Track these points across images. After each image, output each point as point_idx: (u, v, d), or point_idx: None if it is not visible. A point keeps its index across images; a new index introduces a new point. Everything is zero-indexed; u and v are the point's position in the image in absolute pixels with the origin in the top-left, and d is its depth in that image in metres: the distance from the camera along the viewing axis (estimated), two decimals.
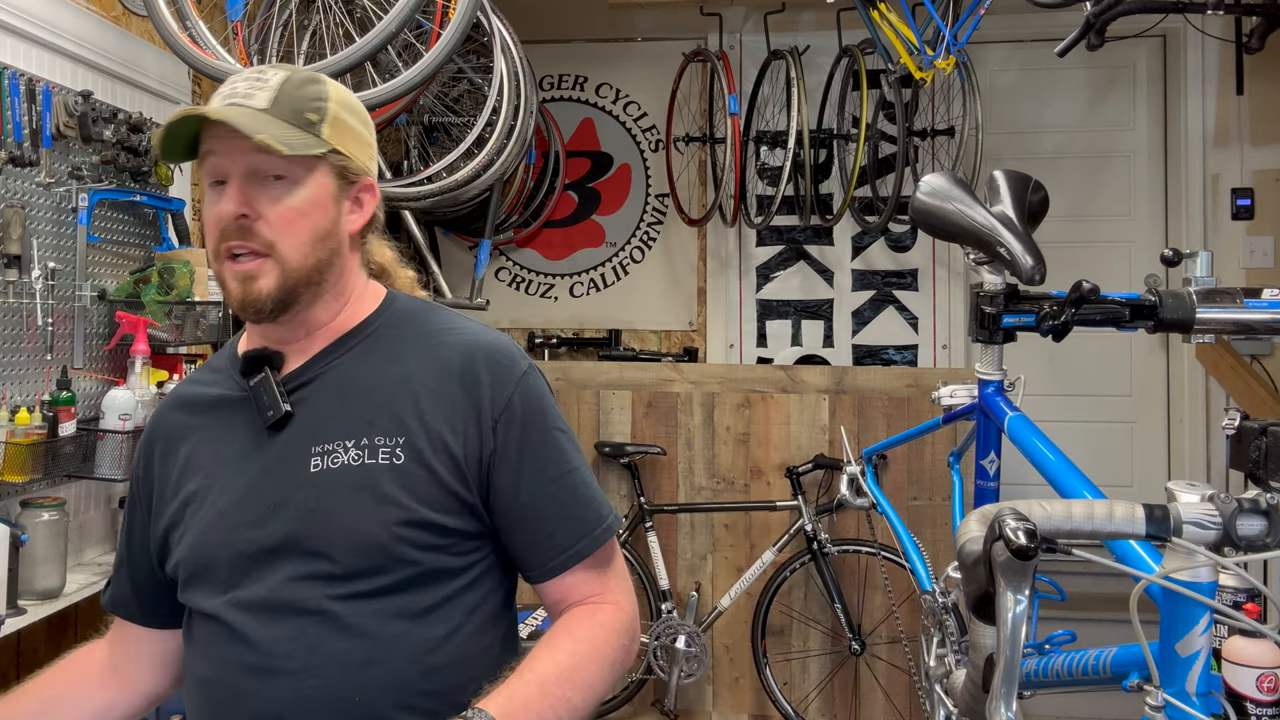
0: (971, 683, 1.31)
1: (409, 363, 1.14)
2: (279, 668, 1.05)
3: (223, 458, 1.14)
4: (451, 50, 2.30)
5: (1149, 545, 1.33)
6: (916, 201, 1.90)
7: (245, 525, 1.09)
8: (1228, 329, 1.59)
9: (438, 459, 1.09)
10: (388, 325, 1.19)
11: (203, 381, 1.23)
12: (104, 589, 1.30)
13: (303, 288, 1.12)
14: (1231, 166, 3.96)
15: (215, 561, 1.10)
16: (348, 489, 1.08)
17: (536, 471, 1.13)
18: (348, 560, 1.06)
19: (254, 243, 1.09)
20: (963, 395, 2.19)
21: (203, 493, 1.14)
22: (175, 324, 2.55)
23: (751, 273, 4.34)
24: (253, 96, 1.11)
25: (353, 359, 1.16)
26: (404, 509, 1.07)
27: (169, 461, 1.19)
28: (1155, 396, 4.15)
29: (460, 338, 1.17)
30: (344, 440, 1.10)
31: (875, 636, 3.38)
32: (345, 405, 1.12)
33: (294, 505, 1.08)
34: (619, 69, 4.40)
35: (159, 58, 2.69)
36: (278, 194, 1.10)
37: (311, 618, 1.06)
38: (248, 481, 1.12)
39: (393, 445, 1.09)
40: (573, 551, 1.13)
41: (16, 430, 2.07)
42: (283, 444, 1.12)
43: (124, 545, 1.27)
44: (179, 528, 1.15)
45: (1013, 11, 3.48)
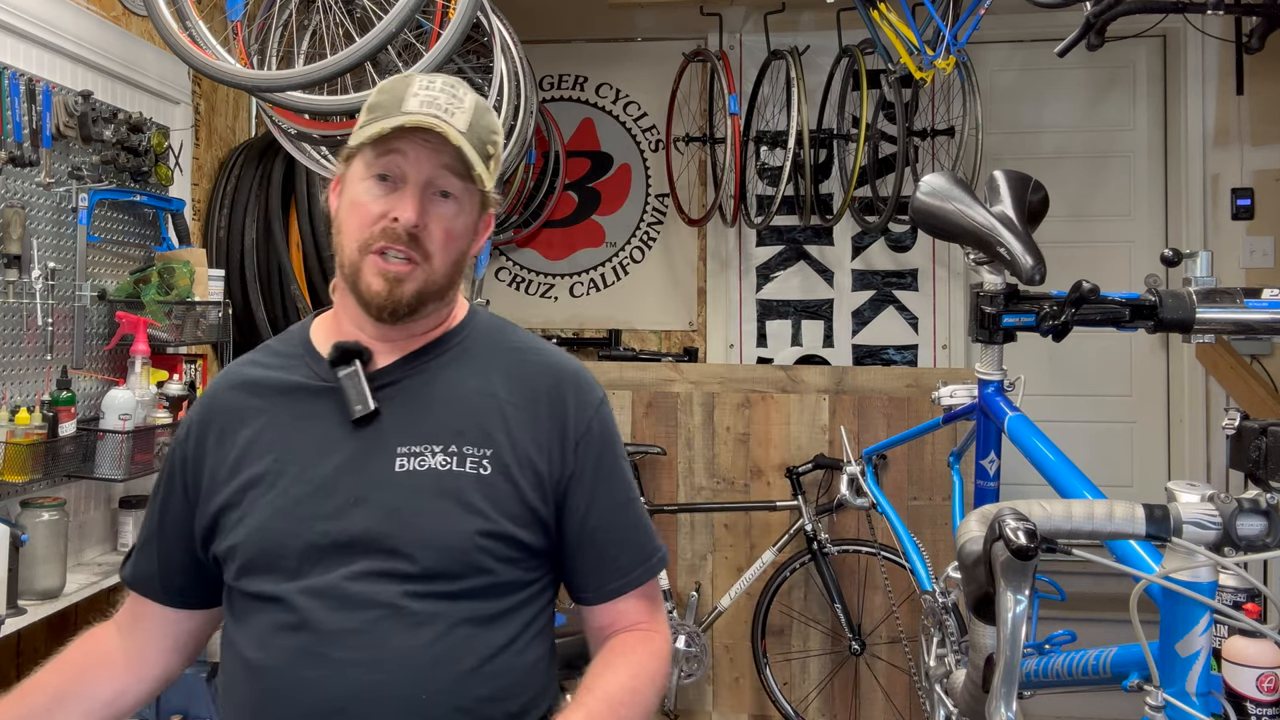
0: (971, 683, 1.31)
1: (495, 378, 1.18)
2: (345, 659, 1.05)
3: (296, 445, 1.14)
4: (451, 50, 2.30)
5: (1149, 545, 1.33)
6: (916, 201, 1.90)
7: (320, 516, 1.10)
8: (1228, 329, 1.59)
9: (522, 475, 1.13)
10: (473, 339, 1.22)
11: (267, 365, 1.22)
12: (123, 563, 1.28)
13: (433, 299, 1.17)
14: (1231, 166, 3.96)
15: (283, 549, 1.10)
16: (433, 493, 1.10)
17: (606, 497, 1.18)
18: (426, 561, 1.08)
19: (416, 252, 1.12)
20: (963, 395, 2.19)
21: (270, 477, 1.13)
22: (175, 324, 2.55)
23: (751, 273, 4.34)
24: (454, 115, 1.14)
25: (441, 367, 1.18)
26: (487, 519, 1.10)
27: (226, 441, 1.17)
28: (1155, 396, 4.15)
29: (545, 359, 1.22)
30: (431, 445, 1.12)
31: (875, 636, 3.38)
32: (433, 411, 1.15)
33: (375, 502, 1.10)
34: (619, 69, 4.40)
35: (159, 58, 2.69)
36: (446, 212, 1.14)
37: (383, 611, 1.07)
38: (325, 473, 1.12)
39: (480, 456, 1.12)
40: (630, 579, 1.19)
41: (16, 430, 2.07)
42: (366, 440, 1.13)
43: (155, 522, 1.24)
44: (235, 510, 1.13)
45: (1013, 11, 3.48)
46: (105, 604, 2.55)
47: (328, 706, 1.05)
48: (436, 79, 1.18)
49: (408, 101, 1.14)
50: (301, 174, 3.04)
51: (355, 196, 1.14)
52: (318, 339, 1.21)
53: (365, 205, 1.13)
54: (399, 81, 1.18)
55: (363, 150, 1.14)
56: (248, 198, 3.07)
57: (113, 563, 2.46)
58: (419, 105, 1.13)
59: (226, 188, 3.08)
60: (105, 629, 1.27)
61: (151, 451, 2.39)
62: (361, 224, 1.13)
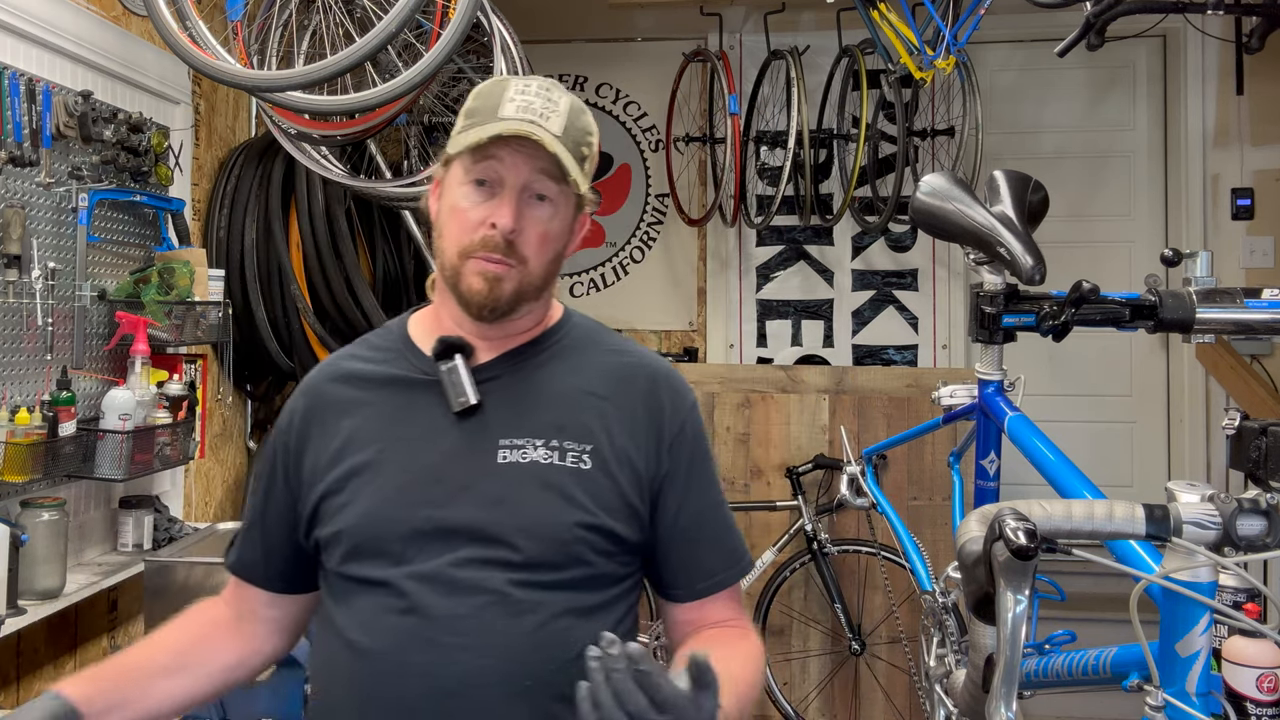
0: (971, 683, 1.31)
1: (594, 377, 1.22)
2: (454, 644, 1.08)
3: (399, 435, 1.17)
4: (451, 50, 2.30)
5: (1149, 545, 1.33)
6: (916, 201, 1.90)
7: (425, 504, 1.13)
8: (1228, 329, 1.59)
9: (621, 471, 1.17)
10: (571, 338, 1.26)
11: (366, 358, 1.25)
12: (228, 550, 1.31)
13: (530, 298, 1.19)
14: (1231, 166, 3.96)
15: (388, 534, 1.13)
16: (536, 485, 1.13)
17: (698, 497, 1.22)
18: (529, 550, 1.11)
19: (512, 257, 1.15)
20: (963, 395, 2.20)
21: (375, 466, 1.16)
22: (175, 324, 2.55)
23: (751, 273, 4.34)
24: (549, 119, 1.16)
25: (540, 363, 1.22)
26: (588, 512, 1.13)
27: (328, 431, 1.20)
28: (1155, 396, 4.15)
29: (642, 360, 1.26)
30: (533, 439, 1.15)
31: (875, 636, 3.38)
32: (534, 406, 1.18)
33: (479, 492, 1.13)
34: (619, 69, 4.40)
35: (159, 58, 2.69)
36: (541, 215, 1.17)
37: (490, 598, 1.09)
38: (430, 462, 1.15)
39: (580, 452, 1.16)
40: (719, 579, 1.22)
41: (16, 430, 2.07)
42: (468, 431, 1.16)
43: (258, 510, 1.27)
44: (338, 496, 1.16)
45: (1013, 11, 3.48)
46: (105, 604, 2.55)
47: (436, 690, 1.08)
48: (532, 82, 1.20)
49: (504, 107, 1.16)
50: (301, 174, 3.04)
51: (454, 202, 1.17)
52: (416, 334, 1.25)
53: (464, 211, 1.16)
54: (495, 86, 1.20)
55: (461, 155, 1.16)
56: (248, 198, 3.07)
57: (113, 563, 2.46)
58: (514, 111, 1.15)
59: (226, 188, 3.08)
60: (217, 603, 1.30)
61: (151, 451, 2.39)
62: (461, 230, 1.16)
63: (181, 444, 2.51)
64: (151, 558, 2.20)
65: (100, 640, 2.54)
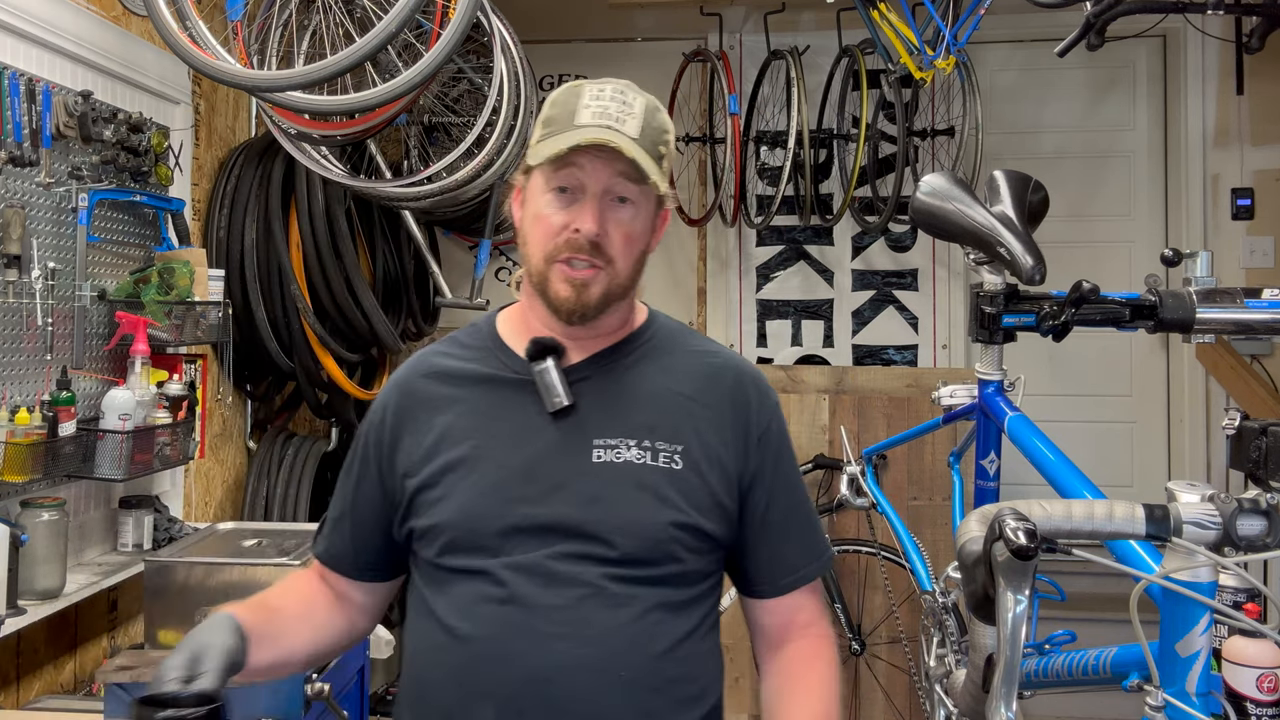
0: (971, 683, 1.31)
1: (682, 377, 1.25)
2: (552, 633, 1.12)
3: (495, 433, 1.21)
4: (451, 50, 2.30)
5: (1149, 545, 1.33)
6: (916, 201, 1.90)
7: (522, 500, 1.17)
8: (1228, 329, 1.59)
9: (711, 470, 1.20)
10: (658, 339, 1.29)
11: (457, 356, 1.29)
12: (314, 540, 1.34)
13: (617, 298, 1.23)
14: (1231, 166, 3.96)
15: (484, 529, 1.17)
16: (630, 484, 1.17)
17: (783, 494, 1.26)
18: (625, 547, 1.15)
19: (599, 259, 1.18)
20: (963, 395, 2.20)
21: (471, 461, 1.19)
22: (175, 324, 2.55)
23: (751, 273, 4.34)
24: (625, 122, 1.18)
25: (630, 365, 1.26)
26: (680, 511, 1.17)
27: (421, 426, 1.24)
28: (1155, 396, 4.15)
29: (727, 360, 1.30)
30: (626, 439, 1.19)
31: (875, 636, 3.38)
32: (626, 407, 1.22)
33: (575, 490, 1.17)
34: (619, 69, 4.32)
35: (159, 58, 2.69)
36: (623, 217, 1.20)
37: (587, 590, 1.14)
38: (525, 460, 1.18)
39: (672, 452, 1.19)
40: (803, 574, 1.27)
41: (16, 430, 2.07)
42: (563, 431, 1.20)
43: (348, 501, 1.30)
44: (433, 490, 1.20)
45: (1013, 11, 3.48)
46: (105, 604, 2.55)
47: (535, 677, 1.11)
48: (606, 86, 1.22)
49: (580, 114, 1.19)
50: (301, 174, 3.04)
51: (538, 210, 1.20)
52: (506, 334, 1.29)
53: (548, 218, 1.19)
54: (569, 93, 1.23)
55: (542, 165, 1.19)
56: (248, 198, 3.06)
57: (112, 563, 2.46)
58: (591, 117, 1.18)
59: (226, 188, 3.08)
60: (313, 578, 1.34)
61: (151, 451, 2.39)
62: (546, 235, 1.19)
63: (181, 444, 2.51)
64: (151, 558, 2.20)
65: (100, 640, 2.54)
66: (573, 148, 1.15)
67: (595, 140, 1.15)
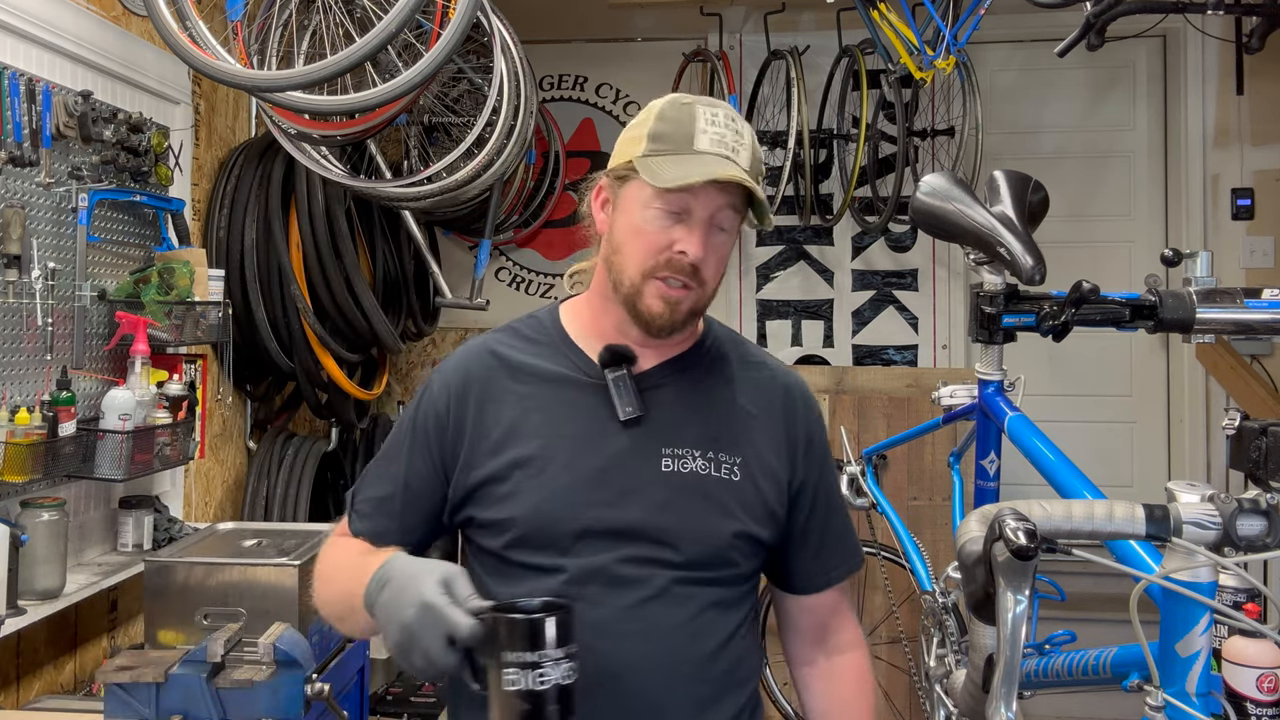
0: (971, 683, 1.31)
1: (740, 388, 1.30)
2: (621, 630, 1.17)
3: (565, 434, 1.23)
4: (451, 50, 2.30)
5: (1149, 545, 1.33)
6: (916, 201, 1.90)
7: (595, 504, 1.20)
8: (1228, 329, 1.59)
9: (765, 481, 1.26)
10: (716, 348, 1.33)
11: (522, 350, 1.29)
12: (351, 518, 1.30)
13: (700, 314, 1.28)
14: (1231, 166, 3.96)
15: (557, 530, 1.20)
16: (696, 494, 1.22)
17: (825, 501, 1.33)
18: (689, 553, 1.21)
19: (694, 281, 1.21)
20: (963, 395, 2.20)
21: (541, 461, 1.22)
22: (175, 324, 2.55)
23: (751, 273, 4.34)
24: (739, 153, 1.20)
25: (696, 376, 1.29)
26: (740, 522, 1.23)
27: (486, 415, 1.25)
28: (1155, 396, 4.15)
29: (776, 372, 1.36)
30: (692, 450, 1.24)
31: (875, 636, 3.38)
32: (692, 417, 1.26)
33: (645, 496, 1.21)
34: (619, 69, 4.40)
35: (159, 58, 2.69)
36: (721, 243, 1.23)
37: (652, 591, 1.19)
38: (597, 465, 1.22)
39: (732, 463, 1.25)
40: (837, 573, 1.35)
41: (16, 430, 2.07)
42: (633, 438, 1.23)
43: (397, 481, 1.28)
44: (502, 485, 1.22)
45: (1013, 11, 3.48)
46: (105, 604, 2.55)
47: (602, 671, 1.14)
48: (719, 111, 1.22)
49: (698, 139, 1.19)
50: (301, 174, 3.04)
51: (640, 224, 1.21)
52: (574, 333, 1.30)
53: (652, 234, 1.20)
54: (681, 110, 1.22)
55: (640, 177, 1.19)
56: (248, 198, 3.06)
57: (113, 563, 2.46)
58: (710, 145, 1.19)
59: (226, 188, 3.08)
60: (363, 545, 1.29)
61: (151, 451, 2.39)
62: (648, 251, 1.21)
63: (181, 444, 2.51)
64: (151, 558, 2.20)
65: (100, 640, 2.54)
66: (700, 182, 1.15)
67: (727, 177, 1.16)
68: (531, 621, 1.01)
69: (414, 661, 1.03)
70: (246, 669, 1.72)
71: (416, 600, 1.03)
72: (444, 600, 1.03)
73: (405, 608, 1.04)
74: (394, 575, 1.08)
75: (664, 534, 1.20)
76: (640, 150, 1.21)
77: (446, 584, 1.06)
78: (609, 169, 1.27)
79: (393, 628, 1.04)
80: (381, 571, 1.10)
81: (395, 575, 1.08)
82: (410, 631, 1.03)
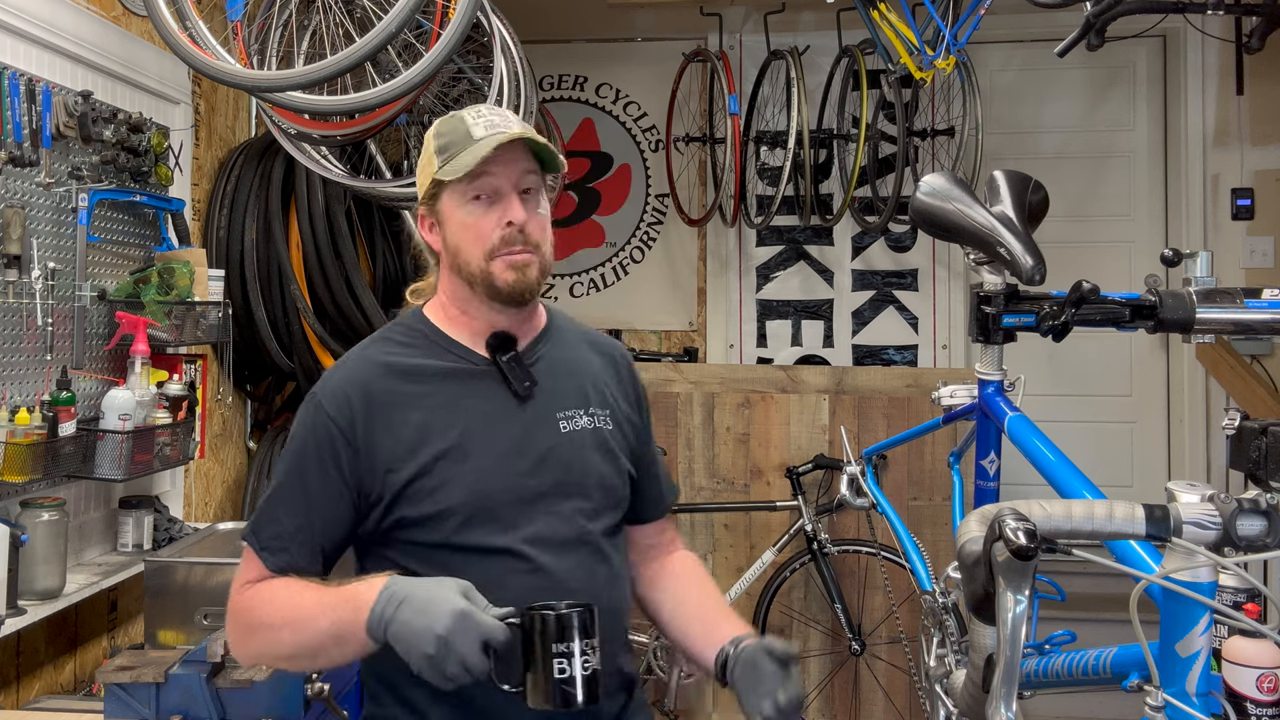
0: (971, 683, 1.31)
1: (588, 353, 1.46)
2: (569, 589, 1.24)
3: (475, 418, 1.32)
4: (451, 50, 2.30)
5: (1149, 545, 1.33)
6: (916, 201, 1.90)
7: (520, 474, 1.31)
8: (1228, 329, 1.59)
9: (625, 425, 1.44)
10: (560, 326, 1.48)
11: (406, 354, 1.36)
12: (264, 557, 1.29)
13: (546, 278, 1.39)
14: (1231, 166, 3.96)
15: (495, 503, 1.29)
16: (591, 446, 1.37)
17: (650, 442, 1.52)
18: (599, 499, 1.36)
19: (528, 245, 1.33)
20: (963, 395, 2.19)
21: (463, 447, 1.30)
22: (175, 324, 2.55)
23: (751, 273, 4.34)
24: (511, 124, 1.33)
25: (554, 349, 1.43)
26: (622, 461, 1.41)
27: (393, 420, 1.30)
28: (1155, 396, 4.15)
29: (604, 338, 1.54)
30: (577, 410, 1.38)
31: (875, 636, 3.38)
32: (568, 382, 1.40)
33: (556, 457, 1.34)
34: (619, 69, 4.40)
35: (159, 58, 2.69)
36: (534, 206, 1.35)
37: (587, 548, 1.33)
38: (511, 438, 1.32)
39: (604, 414, 1.41)
40: (666, 504, 1.55)
41: (16, 430, 2.07)
42: (531, 409, 1.35)
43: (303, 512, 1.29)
44: (427, 479, 1.28)
45: (1013, 11, 3.48)
46: (105, 604, 2.55)
47: None
48: (482, 107, 1.37)
49: (474, 130, 1.32)
50: (301, 174, 3.04)
51: (463, 220, 1.33)
52: (450, 331, 1.38)
53: (477, 222, 1.32)
54: (451, 120, 1.35)
55: (455, 183, 1.31)
56: (248, 198, 3.07)
57: (113, 563, 2.46)
58: (485, 130, 1.31)
59: (226, 188, 3.08)
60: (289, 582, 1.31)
61: (151, 451, 2.39)
62: (480, 237, 1.32)
63: (181, 444, 2.51)
64: (151, 558, 2.20)
65: (100, 640, 2.54)
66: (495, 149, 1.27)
67: (511, 137, 1.28)
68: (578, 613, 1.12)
69: (448, 670, 1.08)
70: (246, 669, 1.72)
71: (449, 611, 1.09)
72: (474, 608, 1.11)
73: (437, 620, 1.09)
74: (409, 593, 1.13)
75: (580, 488, 1.34)
76: (435, 167, 1.33)
77: (466, 593, 1.13)
78: (420, 199, 1.38)
79: (423, 641, 1.09)
80: (388, 593, 1.14)
81: (411, 592, 1.13)
82: (446, 642, 1.08)
